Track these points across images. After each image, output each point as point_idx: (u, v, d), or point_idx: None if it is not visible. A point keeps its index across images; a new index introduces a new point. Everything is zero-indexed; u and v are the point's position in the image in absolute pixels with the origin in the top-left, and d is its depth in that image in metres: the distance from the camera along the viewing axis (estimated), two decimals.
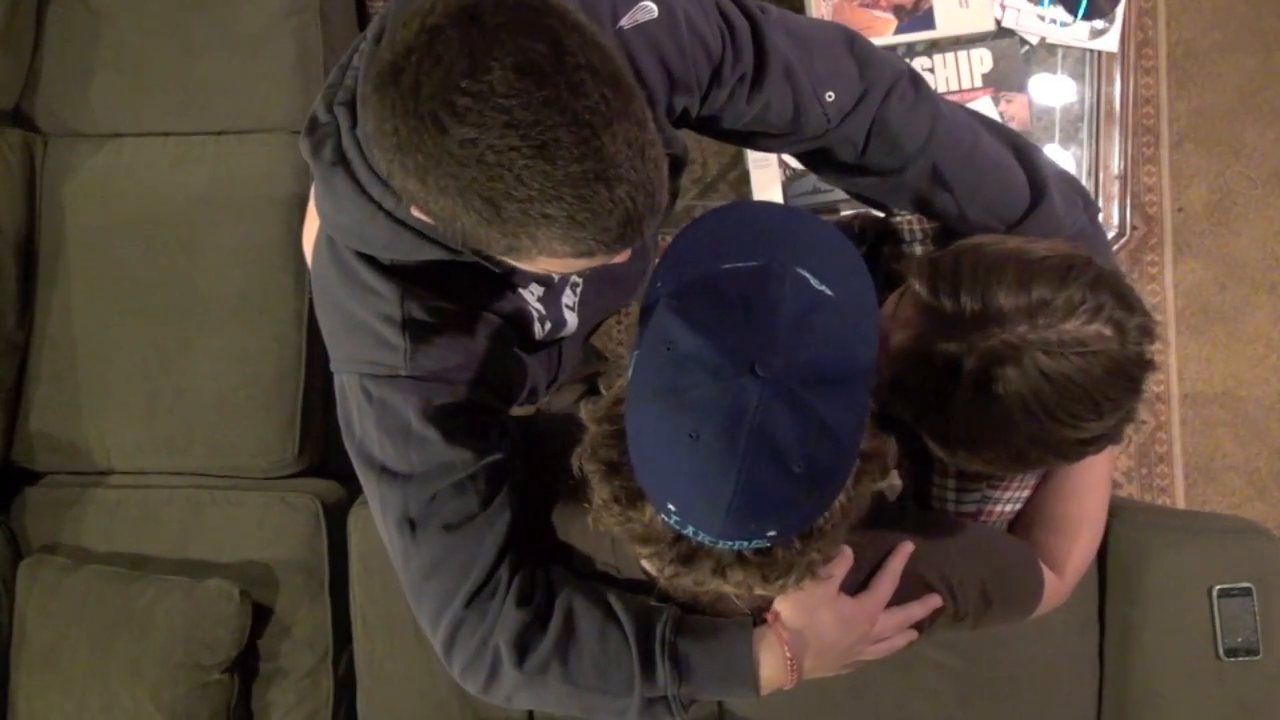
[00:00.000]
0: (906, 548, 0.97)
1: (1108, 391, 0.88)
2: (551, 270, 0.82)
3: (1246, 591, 1.41)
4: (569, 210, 0.69)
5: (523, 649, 0.93)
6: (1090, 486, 1.10)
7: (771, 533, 0.73)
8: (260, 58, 1.87)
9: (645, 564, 0.84)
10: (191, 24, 1.89)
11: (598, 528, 0.82)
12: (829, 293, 0.75)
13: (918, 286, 0.91)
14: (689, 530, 0.74)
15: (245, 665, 1.75)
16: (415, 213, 0.79)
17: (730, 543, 0.73)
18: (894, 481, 1.15)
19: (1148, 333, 0.90)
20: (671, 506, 0.73)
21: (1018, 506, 1.11)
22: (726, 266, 0.77)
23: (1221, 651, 1.41)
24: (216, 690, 1.70)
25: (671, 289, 0.77)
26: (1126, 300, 0.89)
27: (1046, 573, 1.07)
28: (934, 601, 0.98)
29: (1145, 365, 0.90)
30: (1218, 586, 1.41)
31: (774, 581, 0.78)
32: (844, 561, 0.94)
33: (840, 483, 0.74)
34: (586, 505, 0.82)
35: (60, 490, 1.88)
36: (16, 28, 1.90)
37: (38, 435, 1.89)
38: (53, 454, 1.89)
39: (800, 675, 0.94)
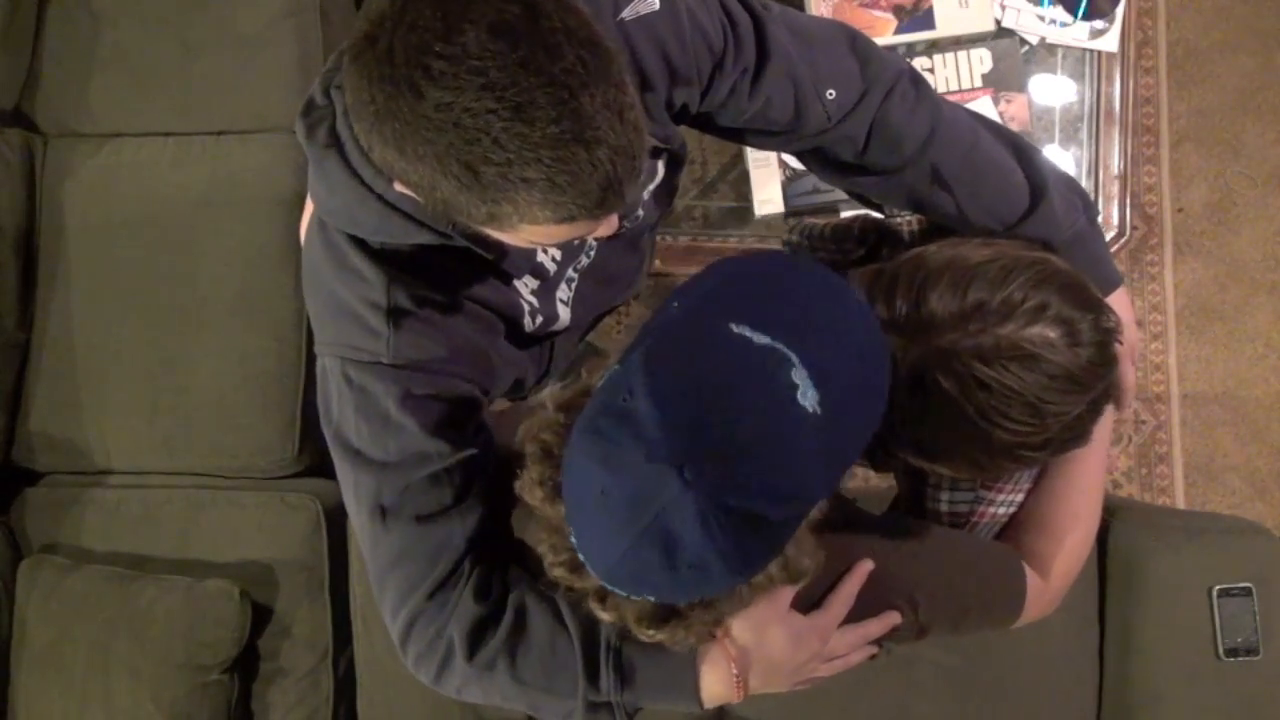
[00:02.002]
0: (864, 567, 0.93)
1: (1047, 396, 0.85)
2: (536, 241, 0.82)
3: (1246, 591, 1.41)
4: (548, 173, 0.69)
5: (475, 642, 0.93)
6: (1080, 489, 1.07)
7: (650, 598, 0.74)
8: (260, 58, 1.87)
9: (540, 549, 0.84)
10: (191, 24, 1.89)
11: (522, 496, 0.82)
12: (816, 412, 0.67)
13: (856, 295, 0.90)
14: (581, 557, 0.74)
15: (245, 665, 1.74)
16: (398, 187, 0.79)
17: (612, 587, 0.74)
18: (880, 482, 1.14)
19: (1105, 330, 0.86)
20: (572, 529, 0.73)
21: (1012, 510, 1.09)
22: (735, 329, 0.69)
23: (1221, 651, 1.41)
24: (216, 690, 1.70)
25: (667, 327, 0.73)
26: (1079, 297, 0.86)
27: (1032, 578, 1.03)
28: (892, 619, 0.95)
29: (1100, 366, 0.87)
30: (1218, 586, 1.41)
31: (646, 630, 0.79)
32: None
33: (726, 589, 0.74)
34: (519, 472, 0.82)
35: (60, 490, 1.88)
36: (16, 28, 1.90)
37: (38, 435, 1.89)
38: (53, 454, 1.89)
39: (747, 691, 0.92)
